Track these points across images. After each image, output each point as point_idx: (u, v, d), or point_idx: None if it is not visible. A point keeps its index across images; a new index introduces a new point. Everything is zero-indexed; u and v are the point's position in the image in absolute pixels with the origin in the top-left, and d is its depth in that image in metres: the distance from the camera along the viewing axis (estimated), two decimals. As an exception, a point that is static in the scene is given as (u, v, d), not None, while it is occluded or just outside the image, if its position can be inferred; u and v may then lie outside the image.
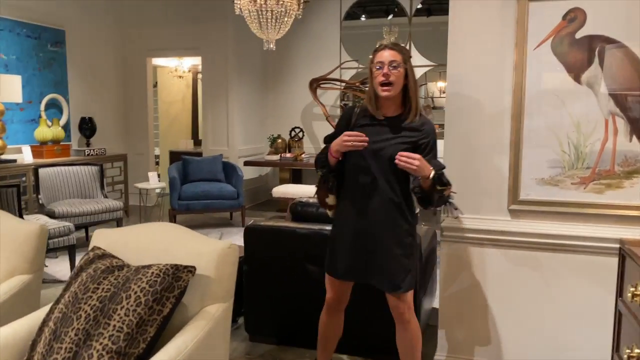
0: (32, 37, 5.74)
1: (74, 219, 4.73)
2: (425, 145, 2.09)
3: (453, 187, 2.19)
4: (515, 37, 2.25)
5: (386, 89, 2.05)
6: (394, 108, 2.13)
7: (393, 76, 2.04)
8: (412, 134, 2.10)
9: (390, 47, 2.10)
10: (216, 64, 7.00)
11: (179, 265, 1.73)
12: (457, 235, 2.44)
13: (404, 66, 2.06)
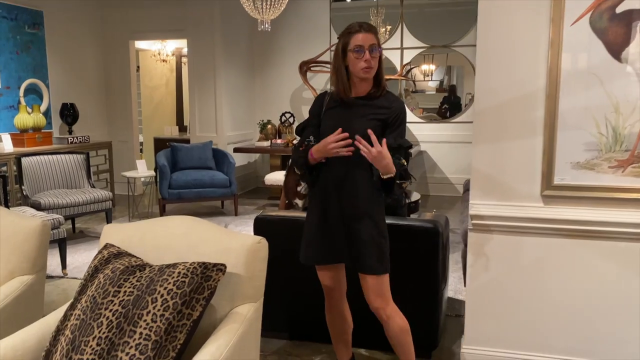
0: (9, 19, 5.40)
1: (61, 210, 4.49)
2: (392, 122, 2.05)
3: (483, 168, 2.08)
4: (551, 13, 2.12)
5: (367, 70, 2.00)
6: (365, 87, 2.08)
7: (373, 61, 2.00)
8: (381, 112, 2.05)
9: (367, 29, 2.02)
10: (203, 47, 6.73)
11: (208, 263, 1.57)
12: (486, 223, 2.32)
13: (379, 49, 2.03)
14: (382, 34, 7.31)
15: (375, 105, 2.05)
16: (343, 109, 2.08)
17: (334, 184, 2.09)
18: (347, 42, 2.02)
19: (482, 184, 2.33)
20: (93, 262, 1.67)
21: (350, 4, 7.53)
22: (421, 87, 7.47)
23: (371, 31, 2.02)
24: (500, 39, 2.22)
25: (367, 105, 2.06)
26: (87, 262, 4.27)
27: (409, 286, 2.57)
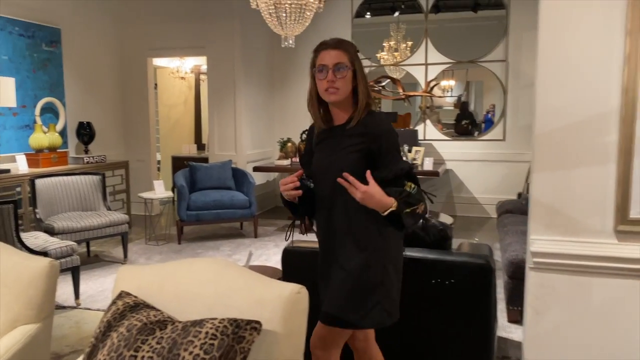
0: (26, 36, 5.28)
1: (75, 234, 4.29)
2: (377, 151, 1.78)
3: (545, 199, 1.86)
4: (627, 23, 1.85)
5: (332, 93, 1.78)
6: (343, 114, 1.84)
7: (339, 82, 1.76)
8: (359, 140, 1.78)
9: (333, 45, 1.81)
10: (222, 64, 6.57)
11: (240, 320, 1.32)
12: (550, 261, 2.04)
13: (350, 67, 1.78)
14: (403, 50, 7.09)
15: (353, 134, 1.80)
16: (328, 142, 1.87)
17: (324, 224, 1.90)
18: (314, 62, 1.83)
19: (543, 216, 2.06)
20: (106, 316, 1.43)
21: (371, 20, 7.34)
22: (439, 102, 7.21)
23: (339, 47, 1.80)
24: (564, 53, 1.96)
25: (346, 135, 1.81)
26: (101, 290, 4.05)
27: (459, 327, 2.30)
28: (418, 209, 1.75)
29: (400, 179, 1.77)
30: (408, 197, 1.73)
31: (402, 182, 1.76)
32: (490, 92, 6.98)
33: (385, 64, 7.13)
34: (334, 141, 1.85)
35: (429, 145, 6.84)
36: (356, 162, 1.75)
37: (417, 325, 2.39)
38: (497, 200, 6.09)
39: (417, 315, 2.39)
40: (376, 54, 7.17)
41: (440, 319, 2.36)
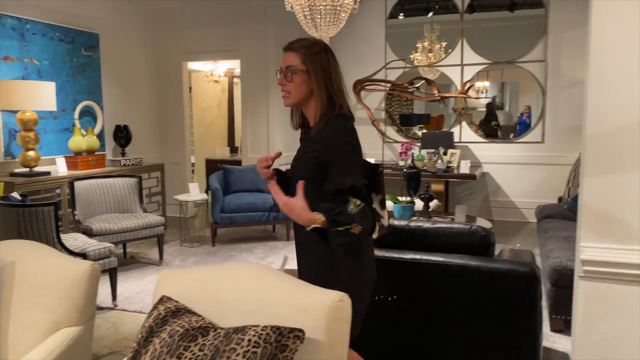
0: (66, 42, 5.41)
1: (112, 236, 4.36)
2: (327, 162, 1.69)
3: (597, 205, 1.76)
4: (687, 19, 1.75)
5: (285, 95, 1.78)
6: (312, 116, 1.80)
7: (289, 85, 1.75)
8: (314, 148, 1.73)
9: (288, 47, 1.77)
10: (256, 67, 6.59)
11: (283, 328, 1.28)
12: (602, 270, 1.94)
13: (301, 69, 1.73)
14: (437, 50, 6.98)
15: (312, 141, 1.76)
16: (302, 143, 1.86)
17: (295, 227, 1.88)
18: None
19: (594, 223, 1.96)
20: (147, 321, 1.41)
21: (405, 21, 7.25)
22: (472, 104, 7.07)
23: (291, 49, 1.76)
24: (618, 53, 1.87)
25: (307, 140, 1.81)
26: (137, 291, 4.10)
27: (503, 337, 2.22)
28: (352, 229, 1.62)
29: (343, 195, 1.66)
30: (338, 214, 1.62)
31: (345, 197, 1.65)
32: (527, 93, 6.81)
33: (418, 65, 7.03)
34: (303, 143, 1.84)
35: (464, 148, 6.71)
36: (311, 170, 1.71)
37: (459, 334, 2.32)
38: (535, 204, 5.92)
39: (459, 324, 2.32)
40: (410, 55, 7.08)
41: (484, 328, 2.28)
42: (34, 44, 5.04)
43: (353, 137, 1.77)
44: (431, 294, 2.39)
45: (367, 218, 1.66)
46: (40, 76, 5.09)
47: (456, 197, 6.83)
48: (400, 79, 7.00)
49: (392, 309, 2.43)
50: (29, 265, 1.77)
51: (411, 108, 7.40)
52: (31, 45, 5.01)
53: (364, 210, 1.64)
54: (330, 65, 1.77)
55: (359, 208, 1.63)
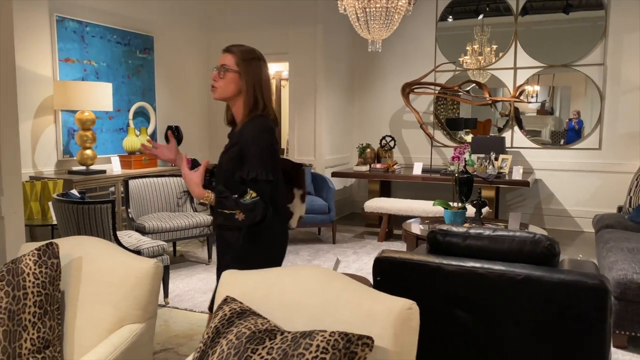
0: (122, 44, 5.57)
1: (164, 234, 4.45)
2: (243, 155, 1.92)
3: None
4: None
5: (213, 90, 2.00)
6: (237, 115, 2.04)
7: (220, 81, 1.98)
8: (235, 141, 1.98)
9: (226, 49, 2.02)
10: (304, 69, 6.61)
11: (351, 334, 1.25)
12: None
13: (233, 70, 1.96)
14: (487, 53, 6.82)
15: (235, 135, 2.00)
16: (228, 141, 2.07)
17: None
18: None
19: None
20: (213, 322, 1.41)
21: (455, 23, 7.11)
22: (521, 108, 6.84)
23: (228, 51, 2.01)
24: None
25: (232, 135, 2.05)
26: (187, 290, 4.16)
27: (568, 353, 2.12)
28: (237, 215, 1.81)
29: (245, 184, 1.85)
30: (225, 198, 1.82)
31: (246, 188, 1.84)
32: (579, 98, 6.56)
33: (468, 68, 6.89)
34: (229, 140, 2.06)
35: (516, 153, 6.52)
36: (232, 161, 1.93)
37: (519, 347, 2.23)
38: (591, 213, 5.69)
39: (519, 337, 2.23)
40: (459, 57, 6.94)
41: (546, 342, 2.19)
42: (92, 46, 5.21)
43: (272, 137, 1.96)
44: (490, 303, 2.30)
45: (255, 211, 1.83)
46: (98, 77, 5.25)
47: (507, 204, 6.64)
48: (450, 82, 6.87)
49: (447, 317, 2.36)
50: (94, 261, 1.81)
51: (457, 112, 7.25)
52: (90, 48, 5.18)
53: (256, 204, 1.83)
54: (261, 73, 2.01)
55: (252, 200, 1.83)
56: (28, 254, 1.69)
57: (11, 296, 1.60)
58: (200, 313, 3.67)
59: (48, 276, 1.66)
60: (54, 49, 4.83)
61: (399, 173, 6.42)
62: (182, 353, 3.04)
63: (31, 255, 1.68)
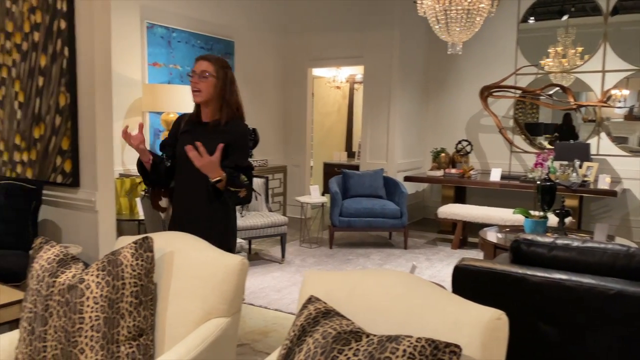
0: (205, 49, 5.81)
1: (241, 232, 4.59)
2: (232, 146, 2.29)
3: None
4: None
5: (195, 94, 2.31)
6: (210, 113, 2.35)
7: (201, 84, 2.28)
8: (224, 136, 2.28)
9: (204, 57, 2.34)
10: (379, 72, 6.60)
11: (438, 341, 1.24)
12: None
13: (215, 75, 2.28)
14: (571, 56, 6.48)
15: (221, 131, 2.31)
16: (194, 133, 2.33)
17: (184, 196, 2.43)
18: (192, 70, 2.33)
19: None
20: (299, 320, 1.44)
21: (537, 25, 6.83)
22: (606, 113, 6.44)
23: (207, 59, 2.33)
24: None
25: (214, 131, 2.31)
26: (262, 287, 4.26)
27: None
28: (240, 193, 2.24)
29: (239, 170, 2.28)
30: (236, 178, 2.24)
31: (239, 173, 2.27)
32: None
33: (551, 71, 6.59)
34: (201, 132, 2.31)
35: (602, 161, 6.16)
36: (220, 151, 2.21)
37: (611, 366, 2.10)
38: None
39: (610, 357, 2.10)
40: (541, 60, 6.65)
41: None
42: (178, 50, 5.47)
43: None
44: (577, 318, 2.19)
45: (249, 190, 2.31)
46: (182, 80, 5.51)
47: (590, 214, 6.28)
48: (532, 85, 6.61)
49: (531, 331, 2.27)
50: (185, 256, 1.89)
51: (537, 116, 6.95)
52: (176, 52, 5.45)
53: (249, 185, 2.32)
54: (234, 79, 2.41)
55: (246, 182, 2.31)
56: (126, 247, 1.80)
57: (111, 285, 1.71)
58: (275, 311, 3.76)
59: (143, 268, 1.76)
60: (144, 53, 5.12)
61: (475, 179, 6.25)
62: (258, 349, 3.13)
63: (129, 248, 1.79)
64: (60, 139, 3.43)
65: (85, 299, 1.69)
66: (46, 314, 1.71)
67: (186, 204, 2.42)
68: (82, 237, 3.42)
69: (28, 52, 3.57)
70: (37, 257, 1.84)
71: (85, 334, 1.67)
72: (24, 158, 3.70)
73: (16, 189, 3.61)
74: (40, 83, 3.51)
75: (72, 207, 3.48)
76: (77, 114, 3.36)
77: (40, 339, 1.70)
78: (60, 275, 1.77)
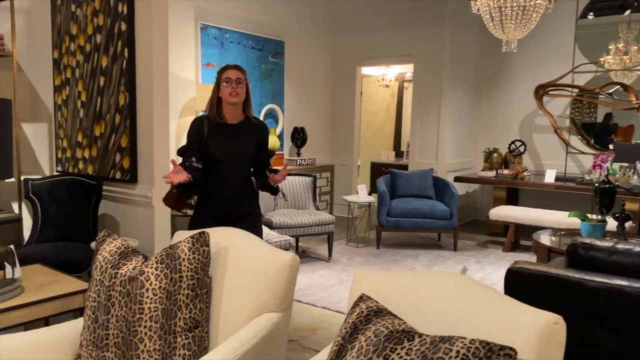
0: (257, 49, 5.91)
1: (288, 230, 4.65)
2: (262, 143, 2.73)
3: None
4: None
5: (234, 96, 2.55)
6: (236, 115, 2.64)
7: (239, 89, 2.56)
8: (256, 135, 2.68)
9: (234, 67, 2.60)
10: (429, 71, 6.51)
11: (493, 344, 1.22)
12: None
13: (246, 82, 2.60)
14: (634, 52, 6.18)
15: (252, 129, 2.67)
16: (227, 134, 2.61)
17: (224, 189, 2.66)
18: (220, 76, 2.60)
19: None
20: (351, 317, 1.45)
21: (597, 21, 6.55)
22: None
23: (238, 69, 2.60)
24: None
25: (245, 131, 2.65)
26: (309, 285, 4.30)
27: None
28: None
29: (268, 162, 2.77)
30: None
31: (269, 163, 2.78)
32: None
33: (611, 69, 6.31)
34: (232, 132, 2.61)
35: (667, 164, 5.84)
36: (254, 148, 2.67)
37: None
38: None
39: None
40: (600, 57, 6.38)
41: None
42: (230, 51, 5.59)
43: None
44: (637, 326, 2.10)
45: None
46: (234, 80, 5.62)
47: (653, 218, 5.98)
48: (590, 83, 6.35)
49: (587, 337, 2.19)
50: (238, 251, 1.94)
51: (594, 116, 6.67)
52: (228, 53, 5.57)
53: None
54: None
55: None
56: (183, 241, 1.86)
57: (169, 278, 1.78)
58: (322, 309, 3.78)
59: (200, 262, 1.82)
60: (198, 54, 5.26)
61: (528, 180, 6.07)
62: (306, 345, 3.16)
63: (186, 242, 1.85)
64: (120, 136, 3.58)
65: (144, 290, 1.77)
66: (109, 304, 1.80)
67: (228, 202, 2.64)
68: (139, 231, 3.56)
69: (91, 53, 3.74)
70: (101, 249, 1.94)
71: (145, 324, 1.75)
72: (86, 155, 3.89)
73: (78, 184, 3.80)
74: (101, 83, 3.68)
75: (129, 202, 3.62)
76: (135, 113, 3.50)
77: (103, 327, 1.79)
78: (122, 267, 1.85)
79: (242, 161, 2.65)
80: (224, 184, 2.63)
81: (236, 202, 2.66)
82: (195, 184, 2.50)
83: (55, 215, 3.69)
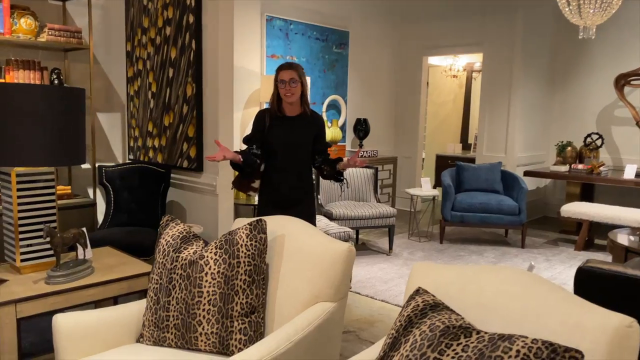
0: (321, 40, 5.90)
1: (348, 222, 4.63)
2: (322, 133, 2.93)
3: None
4: None
5: (289, 96, 2.72)
6: (294, 109, 2.82)
7: (293, 89, 2.72)
8: (312, 127, 2.86)
9: (289, 66, 2.74)
10: (499, 61, 6.25)
11: (557, 345, 1.14)
12: None
13: (299, 80, 2.73)
14: None
15: (309, 122, 2.85)
16: (286, 126, 2.81)
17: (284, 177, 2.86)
18: (277, 77, 2.75)
19: None
20: (406, 310, 1.42)
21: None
22: None
23: (292, 68, 2.73)
24: None
25: (301, 122, 2.82)
26: (368, 277, 4.27)
27: None
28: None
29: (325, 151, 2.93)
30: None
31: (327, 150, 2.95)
32: None
33: None
34: (290, 125, 2.80)
35: None
36: (312, 138, 2.85)
37: None
38: None
39: None
40: None
41: None
42: (295, 42, 5.62)
43: None
44: None
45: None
46: (297, 72, 5.65)
47: None
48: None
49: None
50: (295, 240, 1.95)
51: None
52: (293, 44, 5.60)
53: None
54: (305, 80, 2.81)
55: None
56: (241, 228, 1.89)
57: (227, 263, 1.81)
58: (381, 302, 3.75)
59: (257, 249, 1.84)
60: (263, 46, 5.33)
61: (605, 175, 5.71)
62: (363, 337, 3.14)
63: (244, 229, 1.88)
64: (187, 126, 3.69)
65: (204, 274, 1.81)
66: (170, 286, 1.86)
67: (288, 188, 2.84)
68: (204, 218, 3.67)
69: (161, 45, 3.88)
70: (164, 234, 2.00)
71: (203, 307, 1.79)
72: (155, 144, 4.05)
73: (148, 172, 3.96)
74: (170, 74, 3.80)
75: (195, 190, 3.74)
76: (202, 104, 3.60)
77: (164, 309, 1.85)
78: (183, 250, 1.90)
79: (299, 150, 2.84)
80: (283, 171, 2.84)
81: (292, 188, 2.85)
82: (247, 166, 2.75)
83: (127, 200, 3.87)
